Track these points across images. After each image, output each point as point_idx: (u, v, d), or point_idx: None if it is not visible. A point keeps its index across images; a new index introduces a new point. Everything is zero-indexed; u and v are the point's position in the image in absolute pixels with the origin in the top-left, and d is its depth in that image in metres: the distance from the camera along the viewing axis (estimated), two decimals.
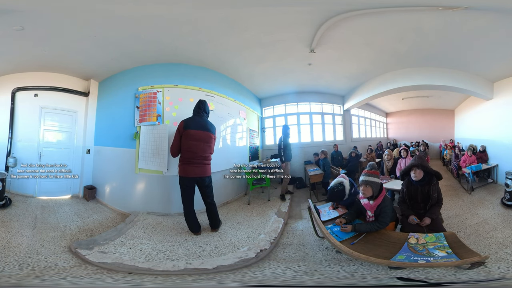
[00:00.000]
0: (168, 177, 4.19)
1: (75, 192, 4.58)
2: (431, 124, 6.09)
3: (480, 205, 4.12)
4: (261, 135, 5.99)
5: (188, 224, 3.56)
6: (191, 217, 3.54)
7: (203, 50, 4.21)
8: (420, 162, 3.01)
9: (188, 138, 3.51)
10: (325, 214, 3.26)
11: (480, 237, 3.23)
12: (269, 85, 5.59)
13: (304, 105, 5.89)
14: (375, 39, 4.07)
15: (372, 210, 2.87)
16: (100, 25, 3.46)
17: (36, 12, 3.11)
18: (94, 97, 4.79)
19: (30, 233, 3.37)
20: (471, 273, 2.43)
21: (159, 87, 4.38)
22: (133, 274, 2.64)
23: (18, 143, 4.35)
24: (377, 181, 2.84)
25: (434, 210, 2.93)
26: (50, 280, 2.45)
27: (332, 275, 2.59)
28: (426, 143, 5.97)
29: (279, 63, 4.74)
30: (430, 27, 3.67)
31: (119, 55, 4.22)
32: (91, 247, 3.05)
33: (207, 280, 2.56)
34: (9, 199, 4.01)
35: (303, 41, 4.05)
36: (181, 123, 3.59)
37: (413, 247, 2.53)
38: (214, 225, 3.64)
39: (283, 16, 3.46)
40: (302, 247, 3.24)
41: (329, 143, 5.84)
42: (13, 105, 4.35)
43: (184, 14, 3.34)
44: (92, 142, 4.76)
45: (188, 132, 3.52)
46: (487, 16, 3.30)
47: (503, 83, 4.72)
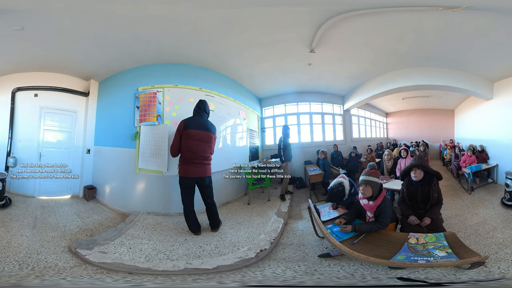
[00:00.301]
0: (168, 177, 4.19)
1: (75, 192, 4.58)
2: (431, 124, 6.09)
3: (480, 205, 4.12)
4: (261, 135, 5.99)
5: (188, 224, 3.56)
6: (191, 217, 3.54)
7: (203, 50, 4.21)
8: (421, 162, 3.01)
9: (188, 138, 3.50)
10: (325, 214, 3.26)
11: (480, 237, 3.23)
12: (269, 85, 5.59)
13: (304, 105, 5.88)
14: (375, 39, 4.07)
15: (372, 211, 2.87)
16: (100, 25, 3.46)
17: (36, 12, 3.11)
18: (94, 97, 4.79)
19: (30, 233, 3.37)
20: (471, 273, 2.43)
21: (159, 87, 4.38)
22: (133, 274, 2.64)
23: (18, 143, 4.35)
24: (377, 181, 2.84)
25: (434, 210, 2.93)
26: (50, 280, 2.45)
27: (332, 275, 2.59)
28: (426, 143, 5.97)
29: (279, 63, 4.74)
30: (430, 27, 3.67)
31: (119, 55, 4.22)
32: (91, 247, 3.05)
33: (207, 280, 2.56)
34: (9, 199, 4.01)
35: (303, 41, 4.05)
36: (181, 123, 3.58)
37: (413, 247, 2.53)
38: (214, 225, 3.64)
39: (283, 16, 3.46)
40: (302, 247, 3.24)
41: (329, 143, 5.84)
42: (13, 105, 4.35)
43: (184, 14, 3.34)
44: (92, 142, 4.76)
45: (188, 132, 3.51)
46: (487, 16, 3.30)
47: (503, 83, 4.72)
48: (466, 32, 3.69)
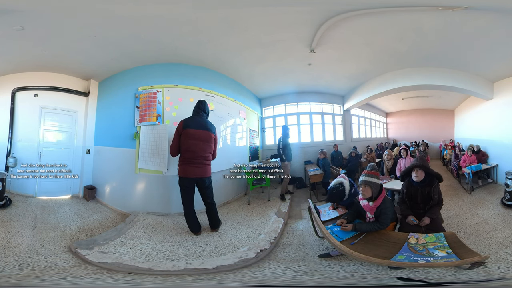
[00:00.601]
0: (168, 177, 4.19)
1: (75, 192, 4.58)
2: (431, 124, 6.09)
3: (480, 205, 4.12)
4: (261, 135, 5.99)
5: (188, 224, 3.56)
6: (191, 217, 3.53)
7: (203, 50, 4.21)
8: (422, 163, 3.01)
9: (187, 137, 3.50)
10: (325, 214, 3.26)
11: (480, 237, 3.23)
12: (269, 85, 5.59)
13: (304, 105, 5.88)
14: (375, 39, 4.07)
15: (371, 211, 2.86)
16: (100, 25, 3.46)
17: (36, 12, 3.11)
18: (94, 97, 4.79)
19: (30, 233, 3.37)
20: (471, 273, 2.43)
21: (159, 87, 4.38)
22: (133, 274, 2.64)
23: (18, 143, 4.35)
24: (376, 182, 2.84)
25: (434, 210, 2.93)
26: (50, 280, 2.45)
27: (332, 275, 2.60)
28: (426, 143, 5.96)
29: (279, 63, 4.74)
30: (430, 27, 3.67)
31: (119, 55, 4.22)
32: (91, 247, 3.05)
33: (207, 280, 2.56)
34: (9, 199, 4.01)
35: (303, 41, 4.05)
36: (180, 123, 3.59)
37: (413, 247, 2.53)
38: (214, 225, 3.64)
39: (283, 16, 3.46)
40: (302, 247, 3.24)
41: (329, 143, 5.84)
42: (13, 105, 4.35)
43: (184, 14, 3.34)
44: (92, 142, 4.76)
45: (187, 131, 3.51)
46: (487, 16, 3.30)
47: (503, 83, 4.72)
48: (466, 32, 3.69)
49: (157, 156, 4.21)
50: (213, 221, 3.64)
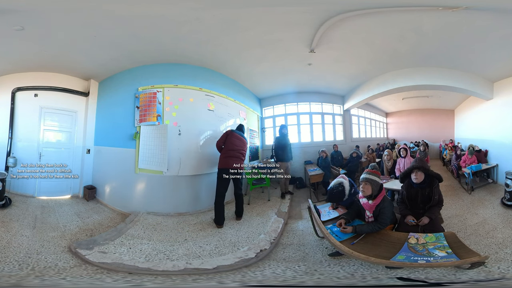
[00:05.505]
0: (168, 177, 4.19)
1: (75, 192, 4.58)
2: (431, 124, 6.09)
3: (480, 205, 4.12)
4: (261, 135, 5.99)
5: (216, 215, 3.84)
6: (222, 210, 3.87)
7: (203, 50, 4.21)
8: (421, 164, 2.99)
9: (232, 137, 4.17)
10: (325, 214, 3.26)
11: (480, 237, 3.23)
12: (269, 85, 5.59)
13: (304, 105, 5.89)
14: (375, 39, 4.07)
15: (371, 210, 2.86)
16: (100, 25, 3.46)
17: (36, 12, 3.11)
18: (94, 97, 4.79)
19: (30, 233, 3.37)
20: (471, 273, 2.43)
21: (159, 87, 4.38)
22: (133, 274, 2.64)
23: (18, 143, 4.35)
24: (377, 180, 2.84)
25: (434, 210, 2.91)
26: (50, 280, 2.45)
27: (332, 275, 2.60)
28: (426, 143, 5.96)
29: (279, 63, 4.74)
30: (430, 27, 3.67)
31: (119, 55, 4.22)
32: (91, 247, 3.05)
33: (207, 280, 2.56)
34: (9, 199, 4.01)
35: (303, 41, 4.05)
36: (228, 130, 4.30)
37: (413, 247, 2.53)
38: (239, 214, 4.08)
39: (283, 16, 3.46)
40: (302, 247, 3.24)
41: (329, 143, 5.84)
42: (13, 105, 4.35)
43: (184, 14, 3.34)
44: (92, 142, 4.76)
45: (233, 133, 4.22)
46: (487, 16, 3.30)
47: (503, 83, 4.72)
48: (466, 32, 3.69)
49: (157, 156, 4.21)
50: (240, 210, 4.10)
